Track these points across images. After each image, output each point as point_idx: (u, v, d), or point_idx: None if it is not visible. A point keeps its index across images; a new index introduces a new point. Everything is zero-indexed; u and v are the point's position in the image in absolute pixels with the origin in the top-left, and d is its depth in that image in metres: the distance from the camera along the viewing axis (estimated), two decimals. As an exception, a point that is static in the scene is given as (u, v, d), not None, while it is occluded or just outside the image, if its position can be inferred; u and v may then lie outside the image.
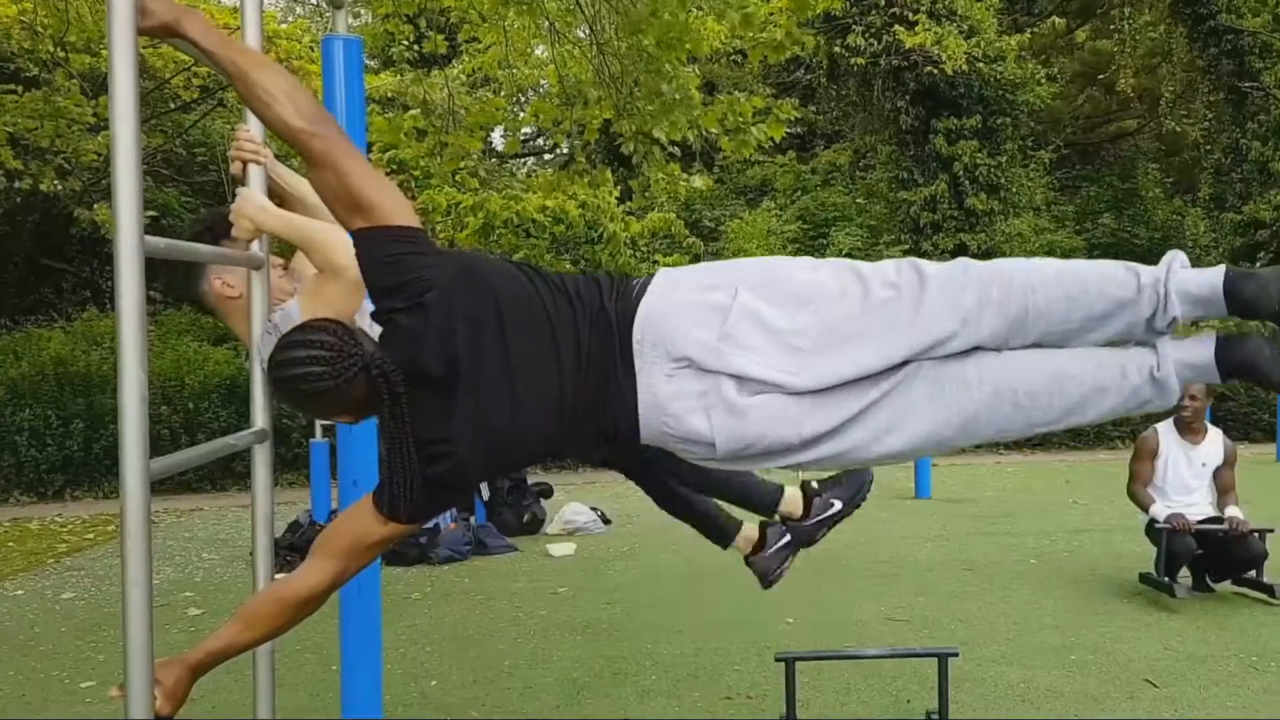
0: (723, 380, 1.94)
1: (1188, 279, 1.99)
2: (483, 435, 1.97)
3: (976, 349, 1.98)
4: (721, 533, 3.10)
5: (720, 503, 3.11)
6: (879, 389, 1.96)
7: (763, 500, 2.99)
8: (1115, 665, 4.96)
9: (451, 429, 1.96)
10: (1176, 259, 2.02)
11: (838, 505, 2.93)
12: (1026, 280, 1.97)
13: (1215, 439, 6.31)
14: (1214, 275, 1.99)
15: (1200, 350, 2.04)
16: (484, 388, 1.96)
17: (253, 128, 2.57)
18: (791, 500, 2.97)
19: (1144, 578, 6.25)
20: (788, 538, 3.02)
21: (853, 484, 2.93)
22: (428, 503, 2.03)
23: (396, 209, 1.99)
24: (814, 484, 2.87)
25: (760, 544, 3.05)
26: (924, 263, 2.02)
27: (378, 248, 1.98)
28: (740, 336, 1.93)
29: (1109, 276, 1.99)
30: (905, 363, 1.96)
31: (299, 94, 1.99)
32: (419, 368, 1.95)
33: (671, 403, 1.97)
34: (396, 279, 1.97)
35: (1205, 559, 6.16)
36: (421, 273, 1.96)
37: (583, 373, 2.00)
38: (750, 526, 3.06)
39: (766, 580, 3.02)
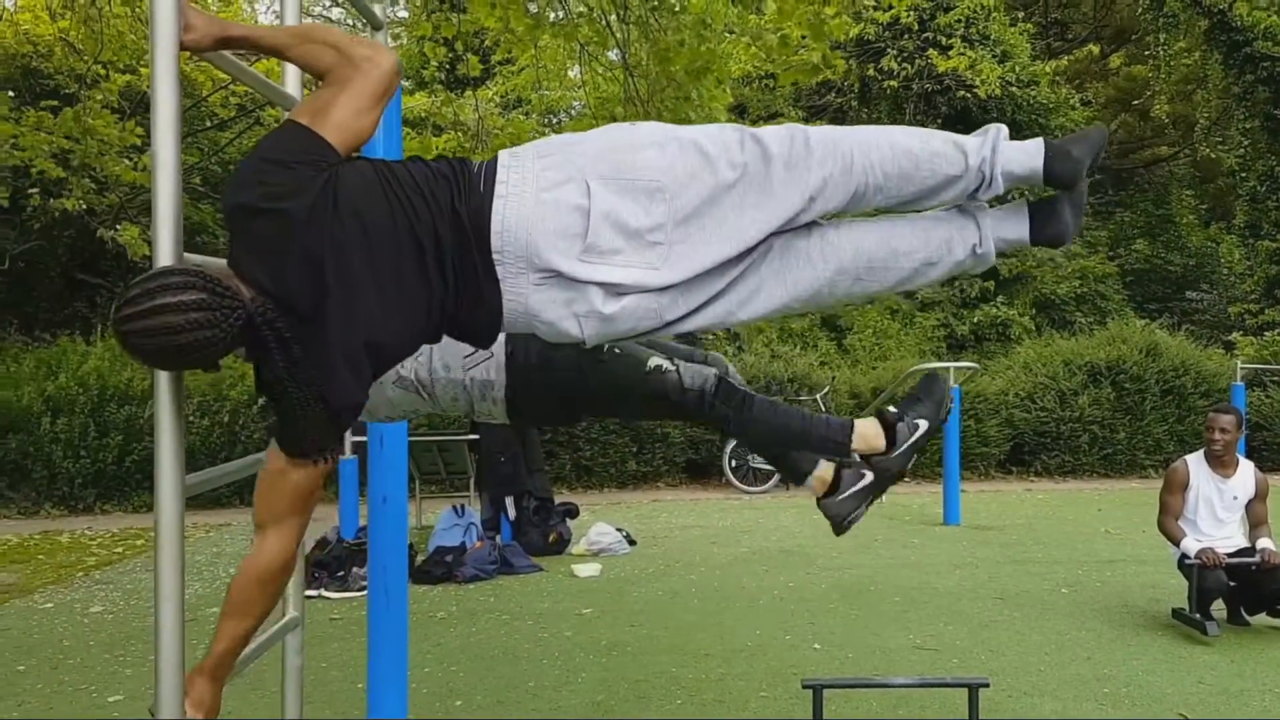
0: (590, 289, 1.99)
1: (1011, 160, 2.17)
2: (351, 353, 1.94)
3: (820, 223, 2.14)
4: (795, 470, 2.89)
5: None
6: (734, 271, 2.07)
7: (824, 443, 2.65)
8: (1149, 699, 4.89)
9: (325, 349, 1.92)
10: (1000, 135, 2.18)
11: (924, 425, 2.73)
12: (866, 159, 2.08)
13: (1246, 471, 6.23)
14: (1035, 159, 2.17)
15: (1018, 228, 2.26)
16: (350, 307, 1.93)
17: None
18: (865, 436, 2.66)
19: (1176, 614, 6.17)
20: (867, 478, 2.80)
21: (933, 396, 2.74)
22: (326, 430, 1.98)
23: (339, 133, 1.96)
24: (890, 410, 2.68)
25: (834, 486, 2.82)
26: (766, 135, 2.07)
27: (293, 141, 1.94)
28: (602, 244, 1.97)
29: (940, 154, 2.14)
30: (759, 242, 2.06)
31: (358, 38, 2.05)
32: (274, 281, 1.89)
33: (543, 310, 2.02)
34: (268, 171, 1.90)
35: (1239, 592, 6.08)
36: (298, 178, 1.90)
37: (447, 277, 2.00)
38: (826, 467, 2.85)
39: (838, 526, 2.80)
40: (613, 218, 1.97)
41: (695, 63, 6.81)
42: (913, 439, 2.72)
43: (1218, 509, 6.13)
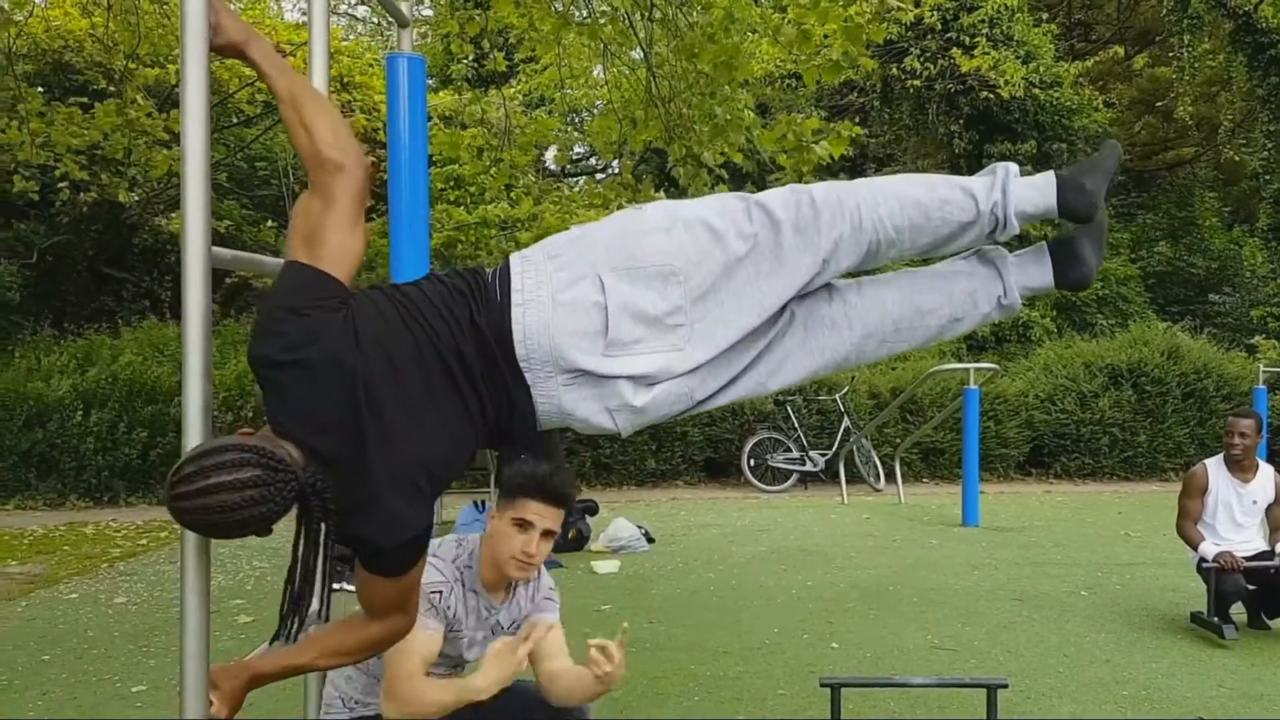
0: (619, 383, 2.00)
1: (1023, 199, 2.15)
2: (395, 488, 1.91)
3: (840, 288, 2.17)
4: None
5: None
6: (760, 343, 2.08)
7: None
8: (1168, 702, 4.87)
9: (369, 492, 1.90)
10: (1009, 175, 2.16)
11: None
12: (874, 214, 2.08)
13: (1266, 476, 6.20)
14: (1046, 196, 2.16)
15: (1041, 275, 2.26)
16: (386, 444, 1.90)
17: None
18: None
19: (1194, 617, 6.15)
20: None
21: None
22: (397, 559, 1.99)
23: (339, 264, 1.95)
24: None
25: None
26: (770, 201, 2.07)
27: (300, 285, 1.92)
28: (624, 336, 1.98)
29: (949, 201, 2.12)
30: (781, 312, 2.09)
31: (347, 135, 2.02)
32: (311, 434, 1.87)
33: (575, 408, 2.03)
34: (285, 320, 1.89)
35: (1258, 596, 6.06)
36: (316, 326, 1.88)
37: (479, 390, 1.99)
38: None
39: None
40: (630, 308, 1.97)
41: (721, 57, 6.81)
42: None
43: (1237, 513, 6.11)
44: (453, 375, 1.97)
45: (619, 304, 1.97)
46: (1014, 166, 2.18)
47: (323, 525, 1.87)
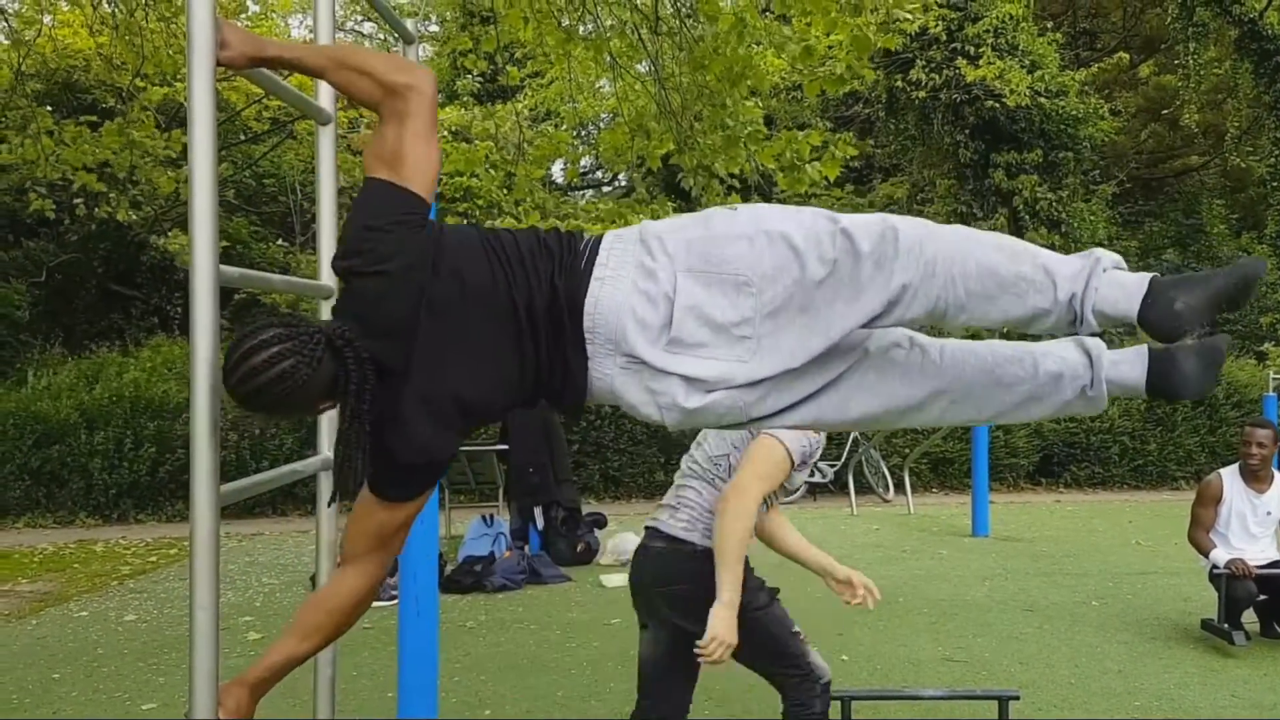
0: (674, 382, 1.98)
1: (1105, 300, 1.97)
2: (437, 408, 1.98)
3: (919, 341, 2.09)
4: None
5: None
6: (825, 376, 2.03)
7: None
8: (1180, 712, 4.85)
9: (407, 404, 1.97)
10: (1099, 266, 1.98)
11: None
12: (949, 272, 1.98)
13: None
14: (1131, 301, 1.96)
15: (1135, 375, 2.07)
16: (437, 366, 1.98)
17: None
18: None
19: (1205, 624, 6.12)
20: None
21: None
22: (411, 479, 2.04)
23: (420, 177, 2.02)
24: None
25: None
26: (856, 231, 2.01)
27: (381, 201, 2.00)
28: (687, 336, 1.97)
29: (1026, 280, 1.99)
30: (853, 348, 2.04)
31: (394, 58, 2.08)
32: (369, 338, 1.93)
33: (626, 392, 2.03)
34: (371, 237, 1.97)
35: (1271, 605, 6.02)
36: (398, 243, 1.96)
37: (539, 347, 2.03)
38: None
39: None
40: (698, 311, 1.97)
41: (731, 68, 6.83)
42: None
43: (1250, 524, 6.08)
44: (517, 323, 2.01)
45: (686, 304, 1.97)
46: (1113, 257, 2.00)
47: (361, 385, 1.90)
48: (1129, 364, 2.08)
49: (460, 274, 2.00)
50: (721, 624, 3.10)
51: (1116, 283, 1.97)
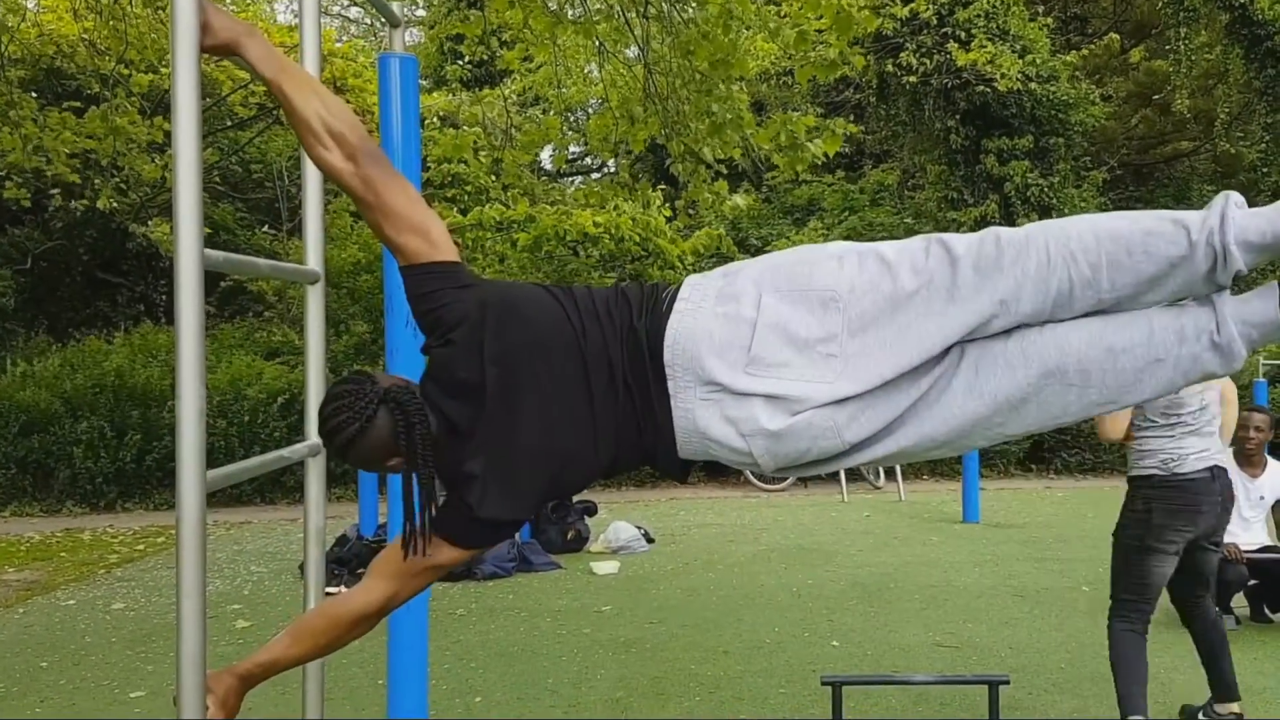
0: (756, 404, 1.88)
1: (1247, 226, 1.79)
2: (510, 465, 1.96)
3: (1020, 326, 1.87)
4: None
5: None
6: (919, 386, 1.87)
7: None
8: (1171, 696, 4.86)
9: (479, 461, 1.96)
10: (1230, 201, 1.82)
11: None
12: (1066, 249, 1.83)
13: (1275, 471, 6.18)
14: (1276, 215, 1.79)
15: (1265, 306, 1.84)
16: (512, 420, 1.96)
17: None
18: None
19: (1199, 607, 6.13)
20: None
21: None
22: (476, 532, 2.02)
23: (433, 246, 2.00)
24: None
25: None
26: (953, 239, 1.90)
27: (414, 284, 2.01)
28: (768, 355, 1.87)
29: (1155, 232, 1.81)
30: (947, 351, 1.87)
31: (345, 128, 2.00)
32: (447, 400, 1.97)
33: (711, 427, 1.92)
34: (431, 316, 1.99)
35: (1262, 589, 6.04)
36: (452, 309, 1.97)
37: (618, 396, 1.97)
38: None
39: None
40: (780, 328, 1.88)
41: (718, 54, 6.79)
42: None
43: (1244, 508, 6.09)
44: (586, 370, 1.97)
45: (769, 322, 1.89)
46: (1237, 195, 1.84)
47: (413, 442, 1.91)
48: (1258, 297, 1.87)
49: (525, 323, 1.98)
50: None
51: (1255, 212, 1.82)
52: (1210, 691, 4.46)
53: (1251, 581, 5.94)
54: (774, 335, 1.88)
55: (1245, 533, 6.02)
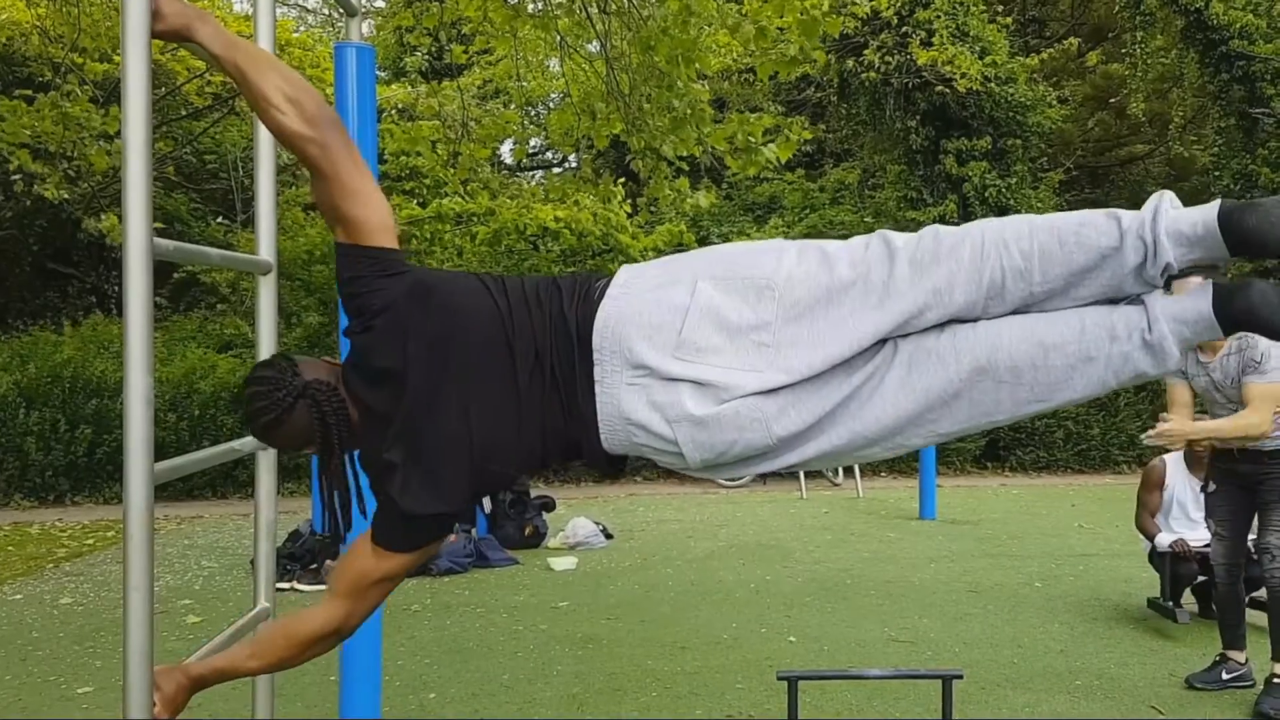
0: (683, 389, 1.86)
1: (1178, 218, 1.80)
2: (429, 454, 1.95)
3: (952, 321, 1.86)
4: None
5: None
6: (852, 382, 1.86)
7: None
8: (1120, 691, 4.92)
9: (398, 451, 1.95)
10: (1164, 198, 1.84)
11: None
12: (999, 238, 1.84)
13: None
14: (1208, 210, 1.79)
15: (1196, 303, 1.82)
16: (432, 407, 1.95)
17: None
18: None
19: (1151, 603, 6.21)
20: None
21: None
22: (406, 531, 1.99)
23: (376, 229, 1.99)
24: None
25: None
26: (894, 235, 1.91)
27: (346, 265, 2.00)
28: (699, 340, 1.86)
29: (1088, 224, 1.83)
30: (880, 346, 1.87)
31: (303, 95, 1.97)
32: (368, 388, 1.99)
33: (635, 412, 1.90)
34: (357, 300, 1.99)
35: (1210, 586, 6.13)
36: (377, 295, 1.96)
37: (545, 384, 1.95)
38: None
39: None
40: (713, 313, 1.86)
41: (678, 51, 6.79)
42: None
43: (1191, 509, 6.17)
44: (513, 356, 1.96)
45: (702, 306, 1.87)
46: (1172, 194, 1.86)
47: (329, 432, 1.97)
48: (1191, 296, 1.85)
49: (451, 312, 1.97)
50: None
51: (1187, 210, 1.83)
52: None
53: (1201, 578, 6.02)
54: (706, 320, 1.87)
55: (1193, 532, 6.10)
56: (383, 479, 1.97)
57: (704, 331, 1.86)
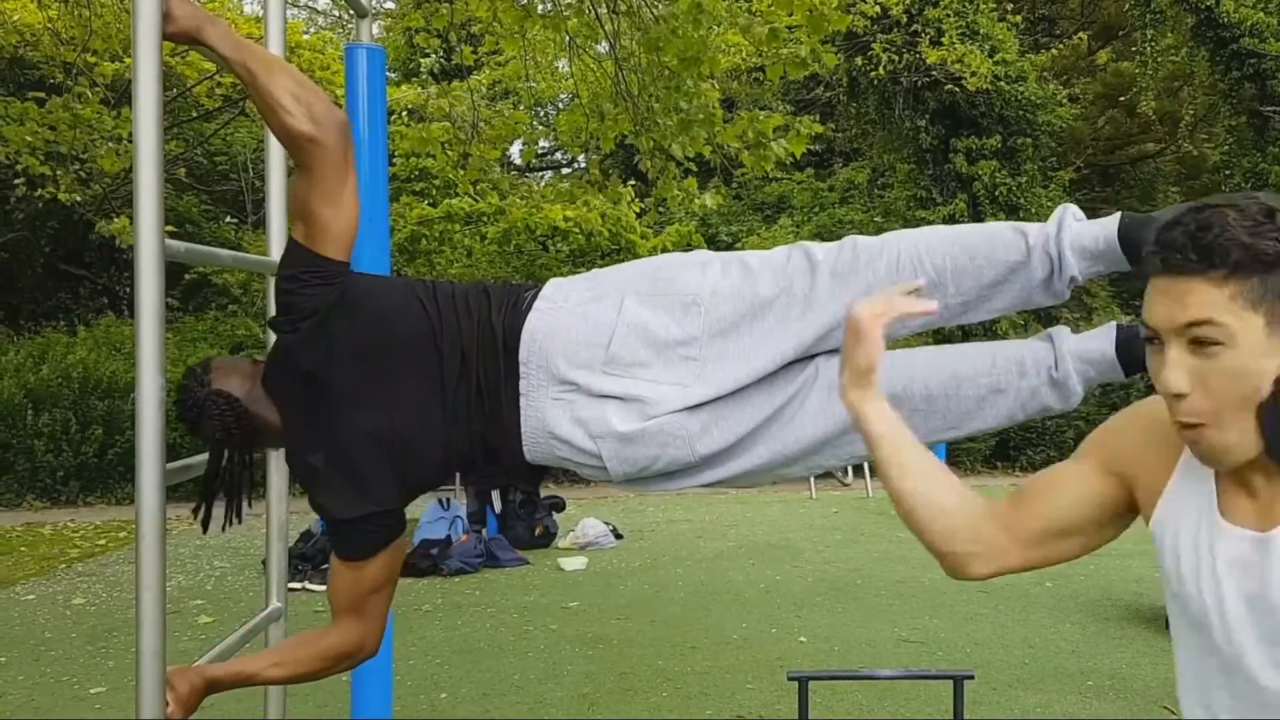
0: (609, 405, 1.87)
1: (1081, 231, 1.85)
2: (350, 455, 1.94)
3: None
4: None
5: None
6: (774, 401, 1.89)
7: None
8: (1132, 692, 4.90)
9: (320, 455, 1.96)
10: (1068, 212, 1.88)
11: None
12: (914, 252, 1.88)
13: None
14: (1108, 223, 1.84)
15: (1100, 344, 1.91)
16: (353, 409, 1.94)
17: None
18: None
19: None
20: None
21: None
22: (350, 537, 1.98)
23: (335, 237, 1.98)
24: None
25: None
26: (815, 247, 1.94)
27: (288, 262, 2.00)
28: (626, 355, 1.88)
29: (997, 238, 1.88)
30: (804, 366, 1.90)
31: (313, 98, 1.97)
32: (290, 386, 1.99)
33: (559, 427, 1.91)
34: (288, 297, 1.98)
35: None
36: (307, 299, 1.96)
37: (470, 391, 1.95)
38: None
39: None
40: (640, 329, 1.88)
41: (688, 51, 6.78)
42: None
43: None
44: (441, 360, 1.95)
45: (629, 322, 1.89)
46: (1075, 208, 1.91)
47: (234, 448, 2.05)
48: (1096, 336, 1.94)
49: (380, 318, 1.97)
50: None
51: (1089, 223, 1.88)
52: None
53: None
54: (633, 336, 1.89)
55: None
56: (310, 484, 1.99)
57: (631, 346, 1.88)
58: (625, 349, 1.88)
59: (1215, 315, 1.23)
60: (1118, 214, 1.87)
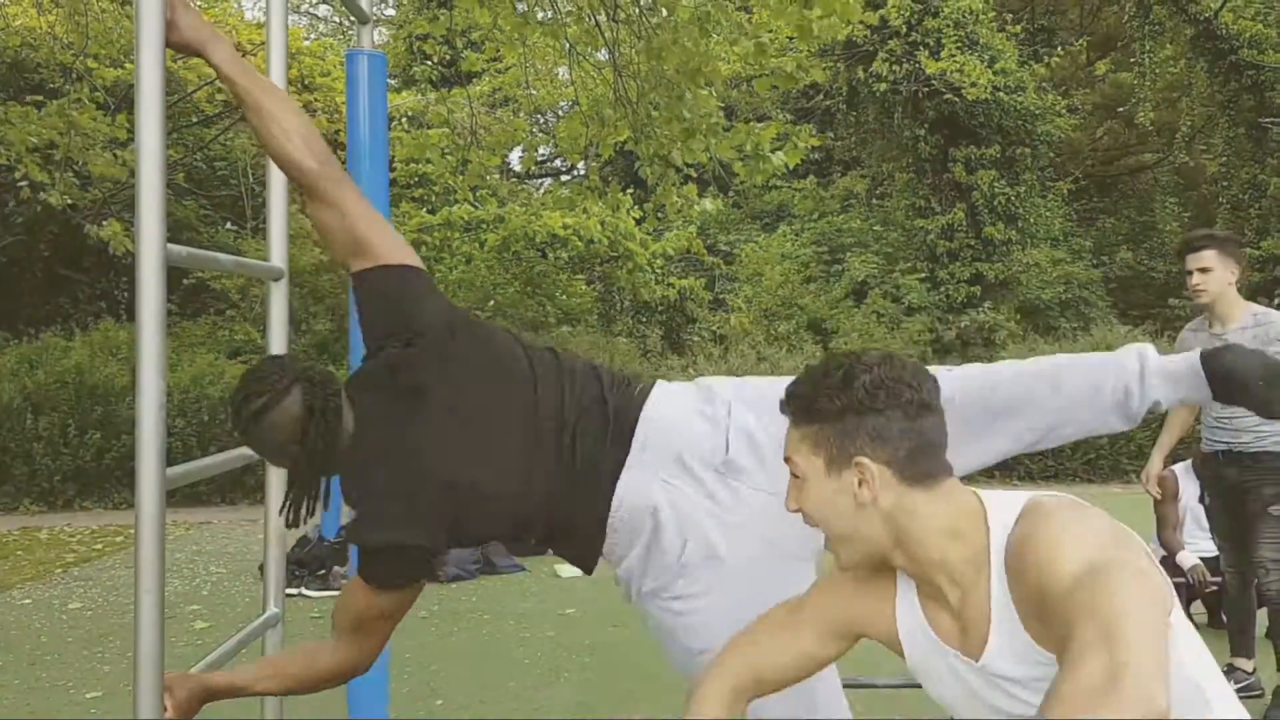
0: (705, 507, 1.94)
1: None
2: (417, 484, 1.94)
3: None
4: None
5: None
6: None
7: None
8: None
9: (383, 473, 1.95)
10: (1148, 359, 2.07)
11: None
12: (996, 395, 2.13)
13: None
14: (1189, 360, 2.05)
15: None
16: (436, 437, 1.95)
17: None
18: None
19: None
20: None
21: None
22: (385, 562, 1.97)
23: (394, 248, 2.02)
24: None
25: None
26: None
27: (378, 284, 2.01)
28: (739, 460, 1.95)
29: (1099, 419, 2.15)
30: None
31: (311, 134, 2.03)
32: (382, 401, 1.97)
33: (662, 510, 1.95)
34: (393, 319, 1.99)
35: (1220, 595, 6.11)
36: (418, 317, 1.98)
37: (561, 455, 1.97)
38: None
39: None
40: (746, 432, 1.96)
41: (689, 62, 6.79)
42: None
43: (1202, 518, 6.15)
44: (534, 423, 1.97)
45: (740, 426, 1.97)
46: (1149, 352, 2.12)
47: (320, 423, 1.94)
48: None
49: (490, 359, 2.01)
50: None
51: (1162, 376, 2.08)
52: None
53: (1212, 585, 5.98)
54: (742, 440, 1.96)
55: (1205, 541, 6.08)
56: (359, 498, 1.96)
57: (743, 453, 1.96)
58: (740, 455, 1.95)
59: (790, 454, 1.58)
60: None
